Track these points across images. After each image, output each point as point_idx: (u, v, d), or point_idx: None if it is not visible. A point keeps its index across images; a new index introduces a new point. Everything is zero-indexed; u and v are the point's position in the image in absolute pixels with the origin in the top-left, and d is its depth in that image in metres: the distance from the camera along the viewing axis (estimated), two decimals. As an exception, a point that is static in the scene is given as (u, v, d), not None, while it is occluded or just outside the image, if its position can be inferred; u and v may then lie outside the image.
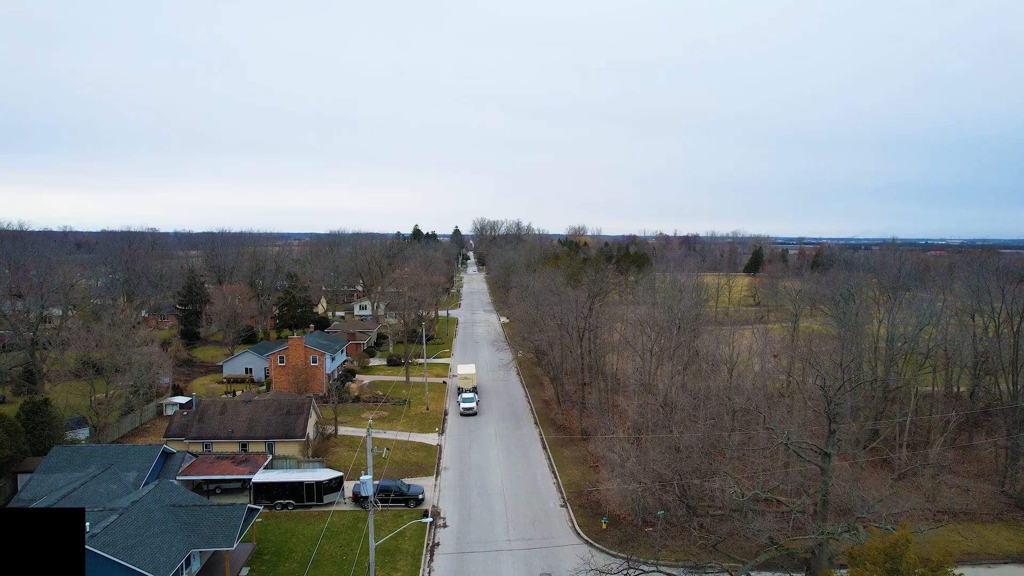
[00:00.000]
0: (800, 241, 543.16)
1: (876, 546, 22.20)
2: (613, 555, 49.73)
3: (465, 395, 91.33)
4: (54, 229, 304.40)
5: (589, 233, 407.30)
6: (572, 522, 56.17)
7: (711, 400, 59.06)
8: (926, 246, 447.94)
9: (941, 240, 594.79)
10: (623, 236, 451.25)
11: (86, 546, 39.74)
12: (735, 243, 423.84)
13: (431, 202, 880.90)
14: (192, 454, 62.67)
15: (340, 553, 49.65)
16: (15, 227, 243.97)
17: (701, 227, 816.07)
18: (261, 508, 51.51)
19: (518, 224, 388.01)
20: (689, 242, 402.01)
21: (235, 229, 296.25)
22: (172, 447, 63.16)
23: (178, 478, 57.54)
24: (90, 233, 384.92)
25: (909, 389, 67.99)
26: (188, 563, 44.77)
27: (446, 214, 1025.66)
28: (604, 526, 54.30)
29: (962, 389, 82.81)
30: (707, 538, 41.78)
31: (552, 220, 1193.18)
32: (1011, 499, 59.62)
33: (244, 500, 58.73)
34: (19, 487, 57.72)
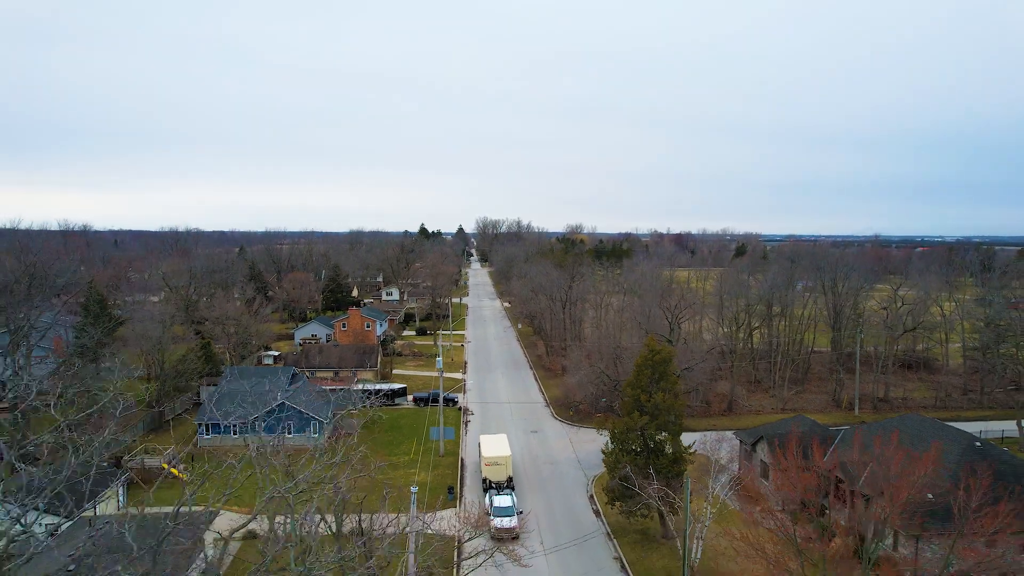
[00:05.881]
0: (790, 238, 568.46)
1: (648, 344, 54.85)
2: (577, 426, 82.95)
3: (498, 498, 54.35)
4: (73, 228, 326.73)
5: (586, 231, 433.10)
6: (552, 414, 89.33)
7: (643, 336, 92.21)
8: (922, 242, 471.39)
9: (938, 237, 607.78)
10: (618, 234, 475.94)
11: (285, 401, 72.84)
12: (726, 240, 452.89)
13: (434, 201, 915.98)
14: (307, 376, 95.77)
15: (410, 424, 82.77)
16: (78, 228, 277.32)
17: (694, 225, 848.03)
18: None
19: (518, 223, 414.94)
20: (682, 239, 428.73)
21: (239, 229, 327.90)
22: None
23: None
24: (97, 232, 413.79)
25: (786, 340, 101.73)
26: (330, 420, 77.72)
27: (449, 213, 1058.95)
28: (571, 414, 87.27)
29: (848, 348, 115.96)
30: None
31: (551, 219, 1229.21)
32: (835, 401, 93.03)
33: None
34: (201, 395, 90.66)
